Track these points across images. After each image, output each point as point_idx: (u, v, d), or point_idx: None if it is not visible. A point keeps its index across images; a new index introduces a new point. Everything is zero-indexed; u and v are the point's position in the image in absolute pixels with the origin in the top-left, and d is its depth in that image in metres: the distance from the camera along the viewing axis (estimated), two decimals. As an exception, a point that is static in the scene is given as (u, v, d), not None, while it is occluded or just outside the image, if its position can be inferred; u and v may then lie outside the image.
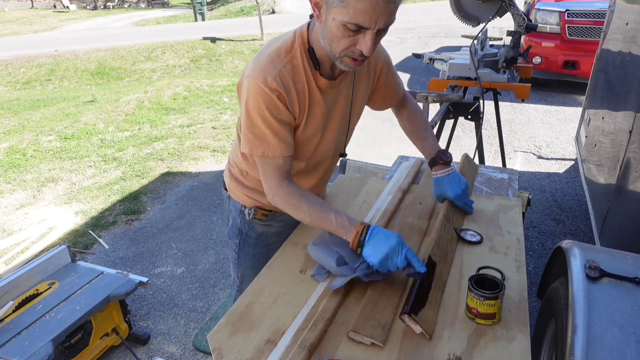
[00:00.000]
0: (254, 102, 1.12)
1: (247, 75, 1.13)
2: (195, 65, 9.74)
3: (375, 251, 1.08)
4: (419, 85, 6.63)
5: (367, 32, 1.01)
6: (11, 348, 1.85)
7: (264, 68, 1.12)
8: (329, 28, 1.03)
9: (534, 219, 3.27)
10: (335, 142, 1.35)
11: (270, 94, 1.11)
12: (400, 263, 1.07)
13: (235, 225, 1.48)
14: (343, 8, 0.97)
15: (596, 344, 1.09)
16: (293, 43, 1.15)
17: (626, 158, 1.96)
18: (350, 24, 0.98)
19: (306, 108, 1.20)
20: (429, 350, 0.96)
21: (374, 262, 1.08)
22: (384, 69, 1.37)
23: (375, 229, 1.11)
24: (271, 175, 1.20)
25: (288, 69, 1.13)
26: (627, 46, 2.36)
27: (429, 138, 1.49)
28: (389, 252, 1.07)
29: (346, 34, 1.02)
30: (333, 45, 1.06)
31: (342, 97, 1.27)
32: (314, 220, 1.18)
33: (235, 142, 1.42)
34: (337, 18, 0.99)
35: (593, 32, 5.33)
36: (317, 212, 1.18)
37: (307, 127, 1.23)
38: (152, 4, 22.38)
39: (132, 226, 3.45)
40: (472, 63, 2.74)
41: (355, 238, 1.11)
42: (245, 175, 1.39)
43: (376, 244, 1.09)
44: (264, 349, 0.98)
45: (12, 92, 8.91)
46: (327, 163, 1.40)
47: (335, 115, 1.28)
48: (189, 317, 2.53)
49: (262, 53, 1.16)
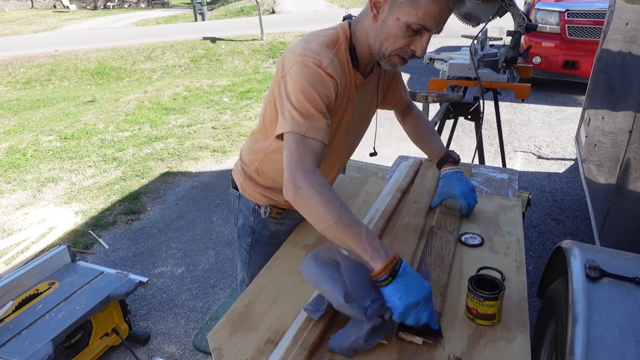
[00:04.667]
0: (305, 82, 1.05)
1: (300, 61, 1.07)
2: (195, 65, 9.73)
3: (404, 293, 0.90)
4: (419, 85, 6.63)
5: (426, 34, 1.05)
6: (11, 348, 1.85)
7: (318, 53, 1.09)
8: (388, 27, 1.06)
9: (534, 219, 3.27)
10: (352, 142, 1.37)
11: (325, 78, 1.08)
12: (423, 320, 0.92)
13: (248, 224, 1.46)
14: (413, 9, 1.01)
15: (596, 344, 1.09)
16: (338, 38, 1.16)
17: (626, 158, 1.96)
18: (417, 24, 1.02)
19: (345, 102, 1.20)
20: (428, 350, 0.96)
21: (397, 305, 0.90)
22: (396, 75, 1.43)
23: (408, 267, 0.94)
24: (306, 156, 1.01)
25: (336, 60, 1.13)
26: (627, 46, 2.36)
27: (436, 141, 1.53)
28: (419, 302, 0.90)
29: (406, 34, 1.05)
30: (386, 44, 1.09)
31: (366, 97, 1.30)
32: (340, 222, 0.95)
33: (249, 140, 1.39)
34: (403, 18, 1.03)
35: (593, 32, 5.33)
36: (348, 214, 0.97)
37: (341, 121, 1.23)
38: (152, 4, 22.38)
39: (132, 226, 3.45)
40: (472, 63, 2.74)
41: (388, 267, 0.91)
42: (261, 173, 1.37)
43: (408, 285, 0.91)
44: (264, 349, 0.98)
45: (12, 92, 8.91)
46: (340, 163, 1.40)
47: (358, 114, 1.30)
48: (189, 317, 2.53)
49: (309, 43, 1.12)
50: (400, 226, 1.40)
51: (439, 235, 1.33)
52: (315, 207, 0.97)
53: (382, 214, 1.48)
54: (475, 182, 1.81)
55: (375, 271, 0.92)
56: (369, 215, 1.50)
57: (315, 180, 0.99)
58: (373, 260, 0.92)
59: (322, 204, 0.96)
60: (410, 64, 7.45)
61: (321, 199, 0.96)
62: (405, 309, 0.90)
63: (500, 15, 2.69)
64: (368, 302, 0.91)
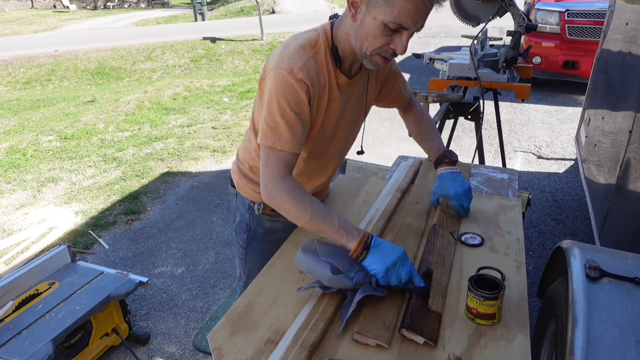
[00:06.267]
0: (276, 92, 1.11)
1: (274, 67, 1.12)
2: (195, 65, 9.74)
3: (381, 259, 1.04)
4: (419, 85, 6.63)
5: (405, 33, 1.05)
6: (11, 348, 1.85)
7: (291, 58, 1.12)
8: (366, 27, 1.06)
9: (534, 219, 3.27)
10: (345, 141, 1.38)
11: (295, 84, 1.10)
12: (404, 276, 1.05)
13: (244, 222, 1.49)
14: (388, 8, 1.01)
15: (596, 344, 1.09)
16: (317, 39, 1.17)
17: (626, 158, 1.96)
18: (393, 23, 1.02)
19: (325, 103, 1.21)
20: (428, 350, 0.96)
21: (379, 270, 1.04)
22: (392, 72, 1.42)
23: (378, 238, 1.08)
24: (275, 167, 1.14)
25: (312, 62, 1.14)
26: (627, 46, 2.36)
27: (435, 139, 1.53)
28: (395, 262, 1.04)
29: (384, 33, 1.05)
30: (365, 44, 1.09)
31: (355, 97, 1.30)
32: (314, 217, 1.11)
33: (245, 139, 1.42)
34: (379, 17, 1.03)
35: (593, 32, 5.33)
36: (319, 209, 1.12)
37: (324, 123, 1.24)
38: (152, 4, 22.38)
39: (132, 226, 3.45)
40: (472, 63, 2.74)
41: (360, 243, 1.06)
42: (255, 171, 1.40)
43: (382, 252, 1.06)
44: (264, 349, 0.98)
45: (12, 92, 8.91)
46: (335, 162, 1.42)
47: (347, 114, 1.30)
48: (189, 317, 2.53)
49: (287, 47, 1.15)
50: (401, 227, 1.40)
51: (440, 234, 1.33)
52: (289, 210, 1.13)
53: (382, 213, 1.48)
54: (475, 182, 1.81)
55: (352, 250, 1.07)
56: (368, 215, 1.50)
57: (285, 187, 1.13)
58: (349, 241, 1.08)
59: (293, 206, 1.12)
60: (410, 64, 7.46)
61: (292, 202, 1.12)
62: (386, 271, 1.04)
63: (500, 15, 2.69)
64: (352, 274, 1.06)
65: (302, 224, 1.14)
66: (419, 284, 1.06)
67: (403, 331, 0.99)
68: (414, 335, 0.97)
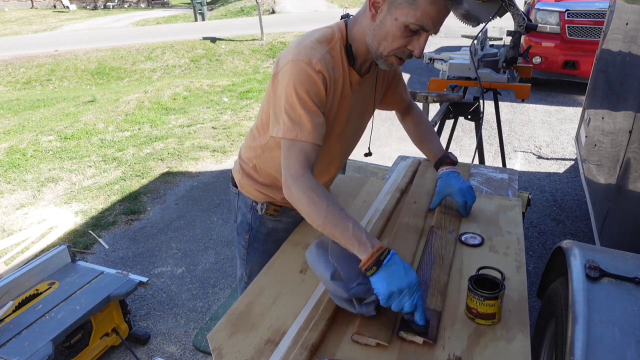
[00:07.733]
0: (295, 84, 1.09)
1: (291, 59, 1.11)
2: (195, 65, 9.73)
3: (388, 281, 0.96)
4: (419, 85, 6.63)
5: (423, 35, 1.06)
6: (11, 348, 1.85)
7: (309, 51, 1.11)
8: (386, 27, 1.07)
9: (534, 219, 3.27)
10: (350, 141, 1.37)
11: (314, 75, 1.10)
12: (407, 307, 0.96)
13: (246, 221, 1.48)
14: (412, 9, 1.02)
15: (596, 344, 1.09)
16: (333, 35, 1.17)
17: (626, 158, 1.96)
18: (415, 25, 1.03)
19: (338, 100, 1.21)
20: (428, 350, 0.96)
21: (381, 291, 0.96)
22: (396, 74, 1.43)
23: (395, 256, 1.00)
24: (297, 160, 1.09)
25: (328, 57, 1.14)
26: (627, 46, 2.36)
27: (434, 142, 1.53)
28: (401, 289, 0.95)
29: (404, 34, 1.06)
30: (383, 44, 1.10)
31: (363, 97, 1.30)
32: (327, 222, 1.04)
33: (248, 138, 1.41)
34: (401, 19, 1.03)
35: (593, 32, 5.33)
36: (334, 213, 1.04)
37: (334, 120, 1.24)
38: (152, 4, 22.38)
39: (132, 226, 3.45)
40: (472, 63, 2.74)
41: (373, 257, 0.98)
42: (259, 170, 1.39)
43: (392, 274, 0.97)
44: (264, 349, 0.98)
45: (12, 92, 8.91)
46: (338, 162, 1.41)
47: (355, 113, 1.30)
48: (189, 317, 2.53)
49: (303, 41, 1.15)
50: (400, 227, 1.40)
51: (438, 235, 1.33)
52: (303, 209, 1.08)
53: (382, 213, 1.48)
54: (475, 182, 1.81)
55: (362, 262, 1.00)
56: (368, 215, 1.50)
57: (303, 184, 1.07)
58: (360, 252, 1.01)
59: (308, 205, 1.06)
60: (410, 64, 7.46)
61: (307, 202, 1.06)
62: (389, 295, 0.96)
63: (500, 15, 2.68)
64: (354, 285, 1.01)
65: (315, 226, 1.08)
66: (419, 320, 0.97)
67: (401, 333, 0.99)
68: (412, 336, 0.97)
